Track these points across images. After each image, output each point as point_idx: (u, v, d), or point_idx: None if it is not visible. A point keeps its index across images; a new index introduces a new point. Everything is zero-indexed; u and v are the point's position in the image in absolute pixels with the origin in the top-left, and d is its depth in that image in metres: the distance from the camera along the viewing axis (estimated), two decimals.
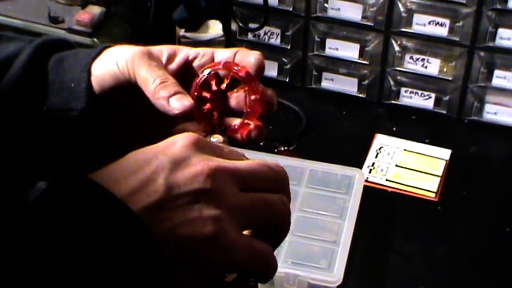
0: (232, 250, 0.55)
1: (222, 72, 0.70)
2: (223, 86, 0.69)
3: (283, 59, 1.60)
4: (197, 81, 0.70)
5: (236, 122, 0.69)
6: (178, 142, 0.57)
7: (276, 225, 0.60)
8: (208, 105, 0.70)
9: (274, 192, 0.59)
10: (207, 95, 0.70)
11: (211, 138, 0.67)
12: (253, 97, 0.68)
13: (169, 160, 0.56)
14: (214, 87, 0.69)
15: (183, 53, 0.71)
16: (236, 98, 0.69)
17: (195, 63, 0.71)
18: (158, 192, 0.54)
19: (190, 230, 0.54)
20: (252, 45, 1.60)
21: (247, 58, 0.69)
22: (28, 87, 0.69)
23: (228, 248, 0.55)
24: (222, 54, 0.70)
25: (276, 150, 1.43)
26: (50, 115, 0.68)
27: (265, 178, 0.59)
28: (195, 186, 0.55)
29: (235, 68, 0.69)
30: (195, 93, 0.69)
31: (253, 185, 0.58)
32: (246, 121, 0.69)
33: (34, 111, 0.68)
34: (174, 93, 0.67)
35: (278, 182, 0.60)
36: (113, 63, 0.68)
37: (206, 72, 0.69)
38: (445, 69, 1.51)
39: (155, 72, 0.67)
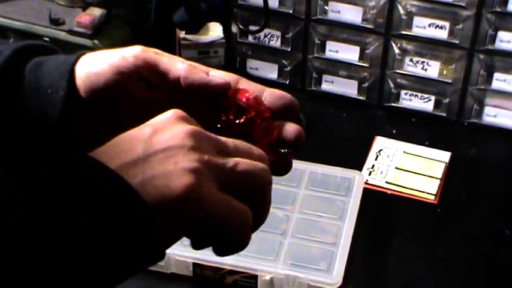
0: (209, 204, 0.55)
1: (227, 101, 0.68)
2: (231, 116, 0.67)
3: (283, 61, 1.60)
4: (222, 101, 0.68)
5: None
6: (163, 115, 0.58)
7: (257, 193, 0.59)
8: (219, 125, 0.68)
9: None
10: (222, 116, 0.68)
11: None
12: (260, 121, 0.67)
13: (151, 128, 0.56)
14: (230, 116, 0.67)
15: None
16: (243, 125, 0.67)
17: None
18: (136, 153, 0.55)
19: (165, 181, 0.54)
20: (252, 48, 1.60)
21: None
22: (3, 90, 0.67)
23: (204, 200, 0.54)
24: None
25: None
26: (26, 119, 0.67)
27: (246, 150, 0.59)
28: (171, 143, 0.55)
29: (245, 96, 0.67)
30: (214, 112, 0.68)
31: (233, 153, 0.58)
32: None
33: (10, 114, 0.67)
34: (208, 71, 0.67)
35: (259, 156, 0.60)
36: (116, 57, 0.67)
37: (231, 96, 0.67)
38: (444, 72, 1.51)
39: (178, 57, 0.68)
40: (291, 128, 0.67)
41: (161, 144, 0.55)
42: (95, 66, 0.67)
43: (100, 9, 1.58)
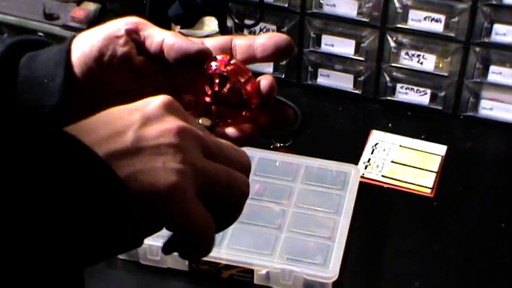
0: (185, 209, 0.56)
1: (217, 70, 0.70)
2: (216, 87, 0.70)
3: None
4: (204, 72, 0.70)
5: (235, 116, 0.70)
6: (153, 101, 0.58)
7: (232, 203, 0.60)
8: (208, 99, 0.70)
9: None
10: (208, 90, 0.70)
11: (200, 120, 0.67)
12: (243, 83, 0.69)
13: (141, 116, 0.56)
14: (215, 88, 0.70)
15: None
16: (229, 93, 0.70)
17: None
18: (125, 142, 0.55)
19: (152, 177, 0.54)
20: None
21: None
22: None
23: (182, 204, 0.55)
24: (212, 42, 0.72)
25: (272, 147, 1.44)
26: (21, 112, 0.68)
27: (230, 156, 0.60)
28: (162, 141, 0.56)
29: (223, 63, 0.70)
30: (199, 84, 0.70)
31: (218, 157, 0.59)
32: (244, 113, 0.70)
33: (2, 109, 0.68)
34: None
35: (241, 163, 0.61)
36: (109, 26, 0.69)
37: (212, 66, 0.70)
38: (440, 65, 1.51)
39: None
40: (262, 82, 0.70)
41: (152, 140, 0.55)
42: (89, 40, 0.69)
43: (94, 3, 1.57)
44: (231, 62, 0.70)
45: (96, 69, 0.69)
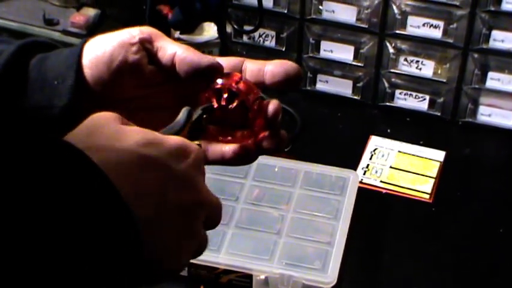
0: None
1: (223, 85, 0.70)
2: (223, 102, 0.69)
3: None
4: (212, 86, 0.69)
5: (238, 133, 0.70)
6: (191, 156, 0.59)
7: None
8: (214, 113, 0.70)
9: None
10: (215, 103, 0.69)
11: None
12: (251, 103, 0.69)
13: (180, 178, 0.57)
14: (222, 103, 0.69)
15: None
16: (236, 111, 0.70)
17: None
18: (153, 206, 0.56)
19: (169, 256, 0.59)
20: (247, 48, 1.61)
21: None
22: (7, 85, 0.68)
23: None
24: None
25: None
26: (30, 113, 0.68)
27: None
28: (188, 216, 0.59)
29: (234, 80, 0.69)
30: (206, 95, 0.70)
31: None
32: (246, 133, 0.69)
33: (12, 109, 0.68)
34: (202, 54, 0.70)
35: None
36: (123, 33, 0.69)
37: (220, 81, 0.69)
38: (439, 71, 1.51)
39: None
40: (269, 107, 0.70)
41: (179, 209, 0.57)
42: (102, 45, 0.69)
43: (94, 9, 1.58)
44: (243, 79, 0.69)
45: (105, 74, 0.68)
